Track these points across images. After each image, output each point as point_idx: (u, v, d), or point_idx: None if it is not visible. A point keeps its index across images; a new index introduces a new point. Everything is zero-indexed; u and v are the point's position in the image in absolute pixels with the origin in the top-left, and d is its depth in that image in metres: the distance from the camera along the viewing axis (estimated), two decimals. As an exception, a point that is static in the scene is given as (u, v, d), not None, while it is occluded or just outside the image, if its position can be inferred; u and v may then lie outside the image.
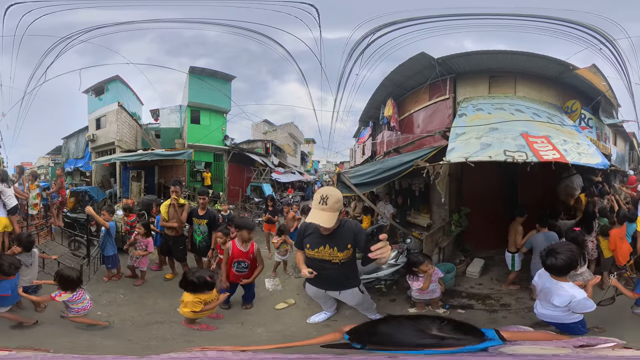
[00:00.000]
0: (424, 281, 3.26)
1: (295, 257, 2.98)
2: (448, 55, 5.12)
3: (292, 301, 3.68)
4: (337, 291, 2.89)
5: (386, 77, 6.07)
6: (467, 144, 3.76)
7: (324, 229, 2.51)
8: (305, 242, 2.77)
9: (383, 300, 3.70)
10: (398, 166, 4.37)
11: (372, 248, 1.93)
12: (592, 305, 2.24)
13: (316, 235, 2.70)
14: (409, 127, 6.12)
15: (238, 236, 3.43)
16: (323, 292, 2.93)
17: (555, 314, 2.36)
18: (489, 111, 4.49)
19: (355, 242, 2.64)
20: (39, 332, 2.88)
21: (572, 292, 2.24)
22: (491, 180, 4.80)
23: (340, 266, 2.69)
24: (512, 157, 3.43)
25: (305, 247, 2.76)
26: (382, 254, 1.95)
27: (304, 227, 2.85)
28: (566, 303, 2.24)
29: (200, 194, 4.37)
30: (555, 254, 2.25)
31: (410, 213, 6.33)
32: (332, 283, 2.84)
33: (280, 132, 10.05)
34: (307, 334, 3.04)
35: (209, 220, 4.26)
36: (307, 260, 2.76)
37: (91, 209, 4.12)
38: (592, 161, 3.85)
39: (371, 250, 1.94)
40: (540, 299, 2.48)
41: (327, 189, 2.59)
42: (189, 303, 2.87)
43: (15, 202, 4.27)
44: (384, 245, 1.96)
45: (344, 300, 2.99)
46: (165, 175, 9.16)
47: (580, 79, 5.23)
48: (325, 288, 2.90)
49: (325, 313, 3.28)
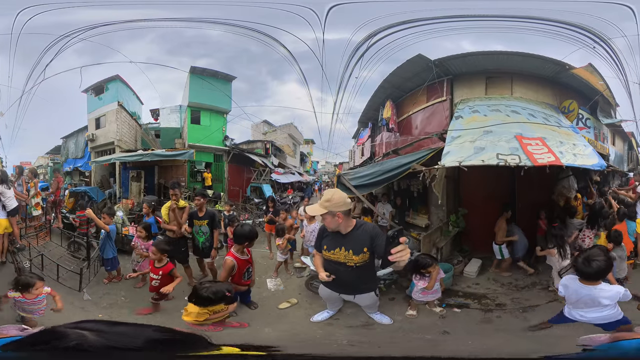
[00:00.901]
0: (429, 281, 3.29)
1: (314, 260, 2.98)
2: (445, 57, 5.12)
3: (294, 301, 3.68)
4: (352, 295, 2.88)
5: (385, 79, 6.07)
6: (462, 147, 3.78)
7: (330, 228, 2.61)
8: (323, 243, 2.78)
9: (382, 299, 3.65)
10: (396, 168, 4.39)
11: (393, 251, 1.92)
12: (630, 294, 2.40)
13: (333, 236, 2.71)
14: (408, 129, 6.13)
15: (238, 248, 3.25)
16: (337, 295, 2.90)
17: (604, 314, 2.42)
18: (485, 113, 4.50)
19: (372, 246, 2.62)
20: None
21: (615, 288, 2.37)
22: (488, 181, 4.82)
23: (355, 269, 2.67)
24: (505, 161, 3.44)
25: (322, 248, 2.77)
26: (402, 257, 1.93)
27: (323, 228, 2.85)
28: (617, 298, 2.35)
29: (196, 195, 4.31)
30: (592, 261, 2.32)
31: (408, 214, 6.35)
32: (347, 286, 2.81)
33: (280, 132, 10.05)
34: (313, 332, 3.04)
35: (209, 220, 4.22)
36: (323, 262, 2.77)
37: (91, 212, 4.03)
38: (588, 162, 3.87)
39: (391, 252, 1.93)
40: (580, 307, 2.50)
41: (331, 191, 2.68)
42: (192, 314, 2.72)
43: (16, 203, 4.26)
44: (404, 248, 1.95)
45: (358, 302, 2.98)
46: (165, 175, 9.12)
47: (577, 79, 5.22)
48: (339, 291, 2.87)
49: (328, 312, 3.28)
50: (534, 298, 3.76)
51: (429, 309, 3.47)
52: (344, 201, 2.62)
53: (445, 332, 3.11)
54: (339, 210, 2.59)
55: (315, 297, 3.54)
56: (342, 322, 3.18)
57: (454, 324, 3.27)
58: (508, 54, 5.06)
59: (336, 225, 2.64)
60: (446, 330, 3.16)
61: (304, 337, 2.98)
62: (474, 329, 3.25)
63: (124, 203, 8.24)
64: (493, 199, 4.88)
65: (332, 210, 2.57)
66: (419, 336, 3.05)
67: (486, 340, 2.98)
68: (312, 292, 3.84)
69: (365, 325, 3.13)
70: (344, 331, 3.01)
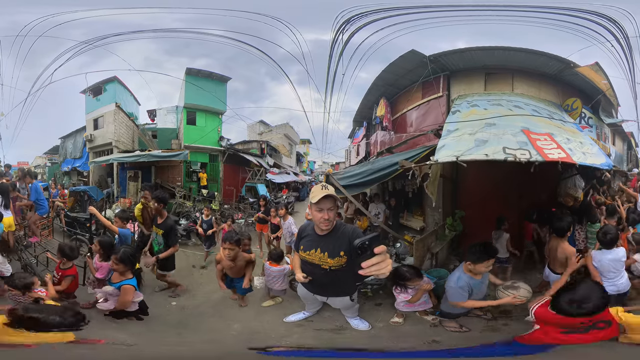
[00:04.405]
0: (414, 293, 2.86)
1: (292, 260, 2.87)
2: (440, 52, 4.77)
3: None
4: (325, 297, 2.78)
5: (378, 76, 5.76)
6: (459, 140, 3.23)
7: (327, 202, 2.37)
8: (300, 243, 2.66)
9: (368, 304, 3.41)
10: (387, 167, 3.95)
11: (364, 265, 1.41)
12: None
13: (311, 237, 2.58)
14: (402, 127, 5.74)
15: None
16: (312, 295, 2.79)
17: (624, 280, 2.87)
18: (484, 107, 4.02)
19: (350, 250, 2.40)
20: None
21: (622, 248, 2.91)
22: (488, 181, 4.36)
23: (330, 273, 2.48)
24: (514, 156, 2.87)
25: (299, 248, 2.65)
26: (378, 270, 1.42)
27: (302, 228, 2.77)
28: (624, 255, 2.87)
29: (153, 197, 3.59)
30: (607, 234, 2.88)
31: (403, 215, 5.93)
32: (321, 288, 2.69)
33: (276, 132, 9.71)
34: (276, 333, 2.92)
35: (164, 231, 3.52)
36: (300, 263, 2.68)
37: (94, 208, 3.61)
38: (597, 161, 3.44)
39: (362, 267, 1.42)
40: (610, 276, 2.86)
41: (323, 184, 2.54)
42: None
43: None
44: (382, 259, 1.42)
45: (331, 304, 2.88)
46: (162, 175, 8.91)
47: (581, 77, 4.88)
48: (314, 292, 2.75)
49: (304, 313, 3.11)
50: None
51: (419, 317, 3.08)
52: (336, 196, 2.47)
53: (434, 342, 2.75)
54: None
55: (297, 297, 3.34)
56: (315, 325, 3.00)
57: (447, 333, 2.88)
58: (509, 49, 4.66)
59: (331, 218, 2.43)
60: (435, 339, 2.78)
61: (265, 335, 2.88)
62: (475, 336, 2.86)
63: (122, 202, 8.06)
64: (493, 200, 4.41)
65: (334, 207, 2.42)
66: (392, 344, 2.76)
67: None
68: (294, 291, 3.61)
69: (335, 329, 2.91)
70: (311, 333, 2.86)
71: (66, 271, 3.13)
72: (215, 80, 8.97)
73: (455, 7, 4.18)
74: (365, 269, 1.37)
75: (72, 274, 3.13)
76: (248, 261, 3.27)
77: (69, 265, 3.16)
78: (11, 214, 4.27)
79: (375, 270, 1.39)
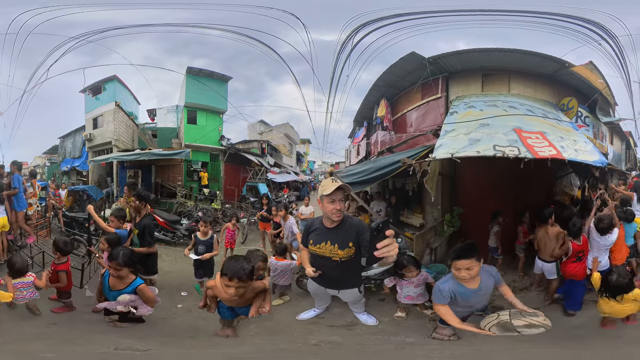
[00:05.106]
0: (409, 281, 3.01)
1: (301, 255, 2.88)
2: (439, 55, 4.87)
3: (287, 298, 3.57)
4: (337, 290, 2.81)
5: (379, 78, 5.86)
6: (455, 140, 3.43)
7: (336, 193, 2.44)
8: (309, 238, 2.68)
9: (372, 300, 3.49)
10: (388, 165, 4.07)
11: (378, 245, 1.64)
12: None
13: (320, 231, 2.62)
14: (402, 127, 5.85)
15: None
16: (323, 289, 2.82)
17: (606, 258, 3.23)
18: (481, 108, 4.16)
19: (358, 241, 2.48)
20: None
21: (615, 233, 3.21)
22: (485, 179, 4.48)
23: (340, 264, 2.54)
24: (503, 152, 3.08)
25: (309, 243, 2.68)
26: (389, 251, 1.66)
27: (309, 223, 2.79)
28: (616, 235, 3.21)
29: (134, 195, 3.33)
30: (602, 222, 3.17)
31: (403, 212, 6.04)
32: (332, 281, 2.72)
33: (276, 132, 9.77)
34: (293, 330, 2.91)
35: (139, 231, 3.26)
36: (310, 257, 2.71)
37: (92, 209, 3.52)
38: (590, 158, 3.56)
39: (377, 247, 1.65)
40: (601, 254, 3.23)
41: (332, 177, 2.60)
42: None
43: None
44: (391, 242, 1.66)
45: (342, 297, 2.91)
46: (163, 174, 8.90)
47: (576, 77, 4.98)
48: (325, 286, 2.78)
49: (314, 310, 3.13)
50: (533, 301, 3.43)
51: (419, 311, 3.18)
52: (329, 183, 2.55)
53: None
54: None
55: (305, 295, 3.42)
56: (327, 321, 3.02)
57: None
58: (505, 51, 4.78)
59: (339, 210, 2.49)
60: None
61: (282, 334, 2.85)
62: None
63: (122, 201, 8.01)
64: (490, 197, 4.54)
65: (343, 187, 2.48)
66: (399, 339, 2.80)
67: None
68: (302, 289, 3.67)
69: (347, 325, 2.96)
70: (324, 330, 2.89)
71: (59, 266, 3.04)
72: (217, 80, 8.99)
73: (454, 11, 4.28)
74: (380, 249, 1.60)
75: (64, 269, 3.02)
76: (260, 291, 2.39)
77: (64, 260, 3.08)
78: (4, 214, 4.11)
79: (386, 251, 1.63)
